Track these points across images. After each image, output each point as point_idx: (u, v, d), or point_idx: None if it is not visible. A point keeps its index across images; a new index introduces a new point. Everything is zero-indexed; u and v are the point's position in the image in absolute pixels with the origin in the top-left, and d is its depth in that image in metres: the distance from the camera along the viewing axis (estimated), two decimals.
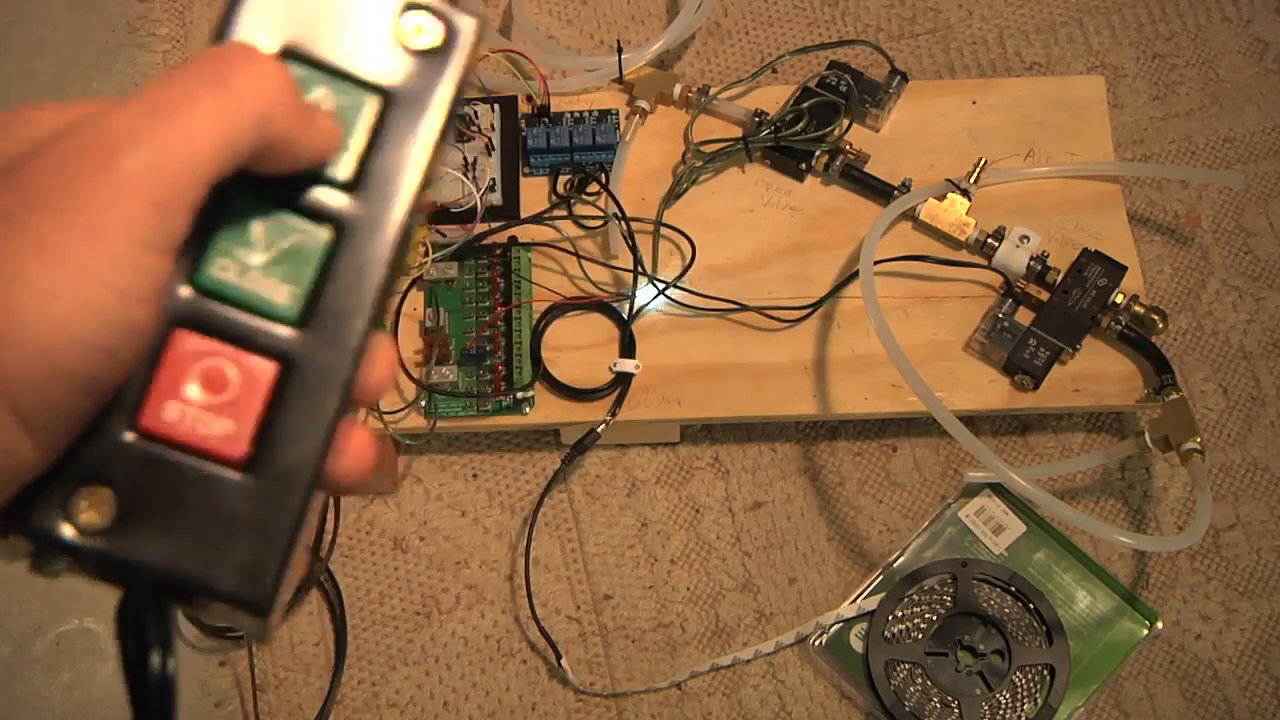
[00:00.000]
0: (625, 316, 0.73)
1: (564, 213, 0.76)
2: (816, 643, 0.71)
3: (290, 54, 0.29)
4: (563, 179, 0.77)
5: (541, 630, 0.71)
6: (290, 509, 0.27)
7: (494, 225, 0.75)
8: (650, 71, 0.80)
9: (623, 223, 0.73)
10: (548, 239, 0.75)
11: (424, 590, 0.73)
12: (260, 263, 0.28)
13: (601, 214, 0.75)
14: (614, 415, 0.71)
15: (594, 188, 0.76)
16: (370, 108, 0.29)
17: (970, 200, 0.75)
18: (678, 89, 0.78)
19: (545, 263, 0.75)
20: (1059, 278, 0.73)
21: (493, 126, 0.78)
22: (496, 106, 0.78)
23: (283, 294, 0.28)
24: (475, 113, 0.77)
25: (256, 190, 0.28)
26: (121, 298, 0.25)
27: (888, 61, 0.80)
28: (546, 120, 0.77)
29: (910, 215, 0.76)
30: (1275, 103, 0.84)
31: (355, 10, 0.29)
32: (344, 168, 0.29)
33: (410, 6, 0.30)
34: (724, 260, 0.75)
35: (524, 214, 0.76)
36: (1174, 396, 0.70)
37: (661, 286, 0.73)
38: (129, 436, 0.27)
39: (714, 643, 0.72)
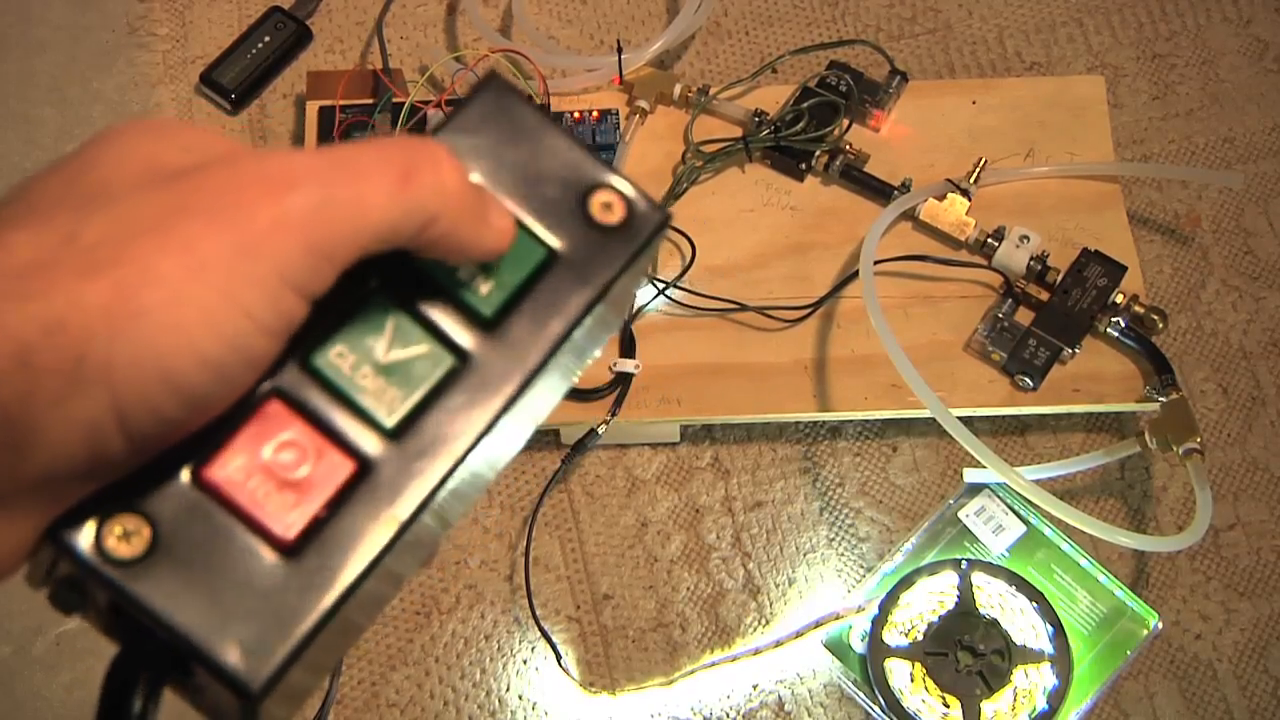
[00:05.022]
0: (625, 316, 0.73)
1: None
2: (816, 643, 0.71)
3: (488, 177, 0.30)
4: None
5: (541, 630, 0.71)
6: (318, 609, 0.26)
7: None
8: (650, 71, 0.80)
9: None
10: None
11: (424, 590, 0.73)
12: (375, 365, 0.28)
13: None
14: (614, 415, 0.71)
15: None
16: (533, 259, 0.29)
17: (970, 200, 0.75)
18: (678, 89, 0.78)
19: None
20: (1059, 278, 0.73)
21: None
22: None
23: (385, 403, 0.28)
24: None
25: (396, 291, 0.28)
26: (251, 322, 0.24)
27: (888, 61, 0.80)
28: None
29: (910, 215, 0.76)
30: (1275, 103, 0.84)
31: (553, 171, 0.30)
32: (489, 302, 0.29)
33: (603, 187, 0.30)
34: (724, 260, 0.75)
35: None
36: (1174, 396, 0.70)
37: (661, 286, 0.73)
38: (186, 481, 0.26)
39: (714, 643, 0.72)
